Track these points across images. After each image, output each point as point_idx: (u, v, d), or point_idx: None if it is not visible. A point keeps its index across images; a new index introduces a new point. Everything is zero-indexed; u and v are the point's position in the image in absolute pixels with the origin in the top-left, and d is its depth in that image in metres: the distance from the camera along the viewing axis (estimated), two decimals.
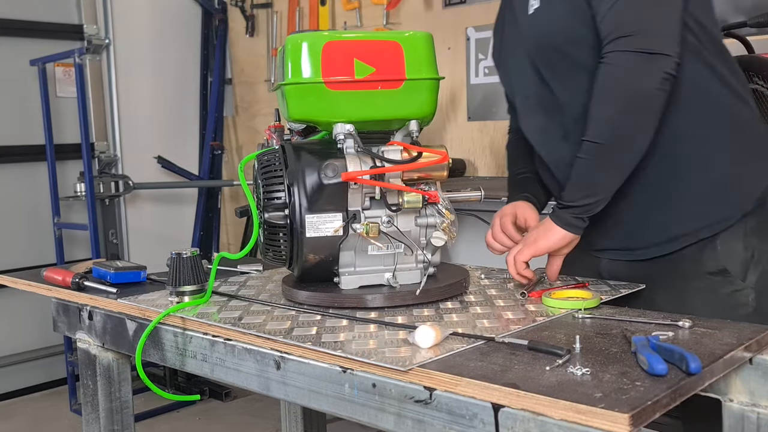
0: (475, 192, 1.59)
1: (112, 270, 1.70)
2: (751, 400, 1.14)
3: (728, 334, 1.17)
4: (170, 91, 4.30)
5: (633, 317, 1.28)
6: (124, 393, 1.72)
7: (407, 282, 1.46)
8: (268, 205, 1.42)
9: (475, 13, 3.21)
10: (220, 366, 1.36)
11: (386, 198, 1.43)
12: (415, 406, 1.07)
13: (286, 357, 1.23)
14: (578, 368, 1.02)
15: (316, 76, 1.39)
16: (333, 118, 1.43)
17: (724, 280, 1.44)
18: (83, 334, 1.70)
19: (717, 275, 1.44)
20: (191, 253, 1.51)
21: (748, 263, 1.44)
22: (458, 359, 1.10)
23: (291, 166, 1.42)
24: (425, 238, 1.46)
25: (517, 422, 0.96)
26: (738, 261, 1.44)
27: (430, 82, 1.44)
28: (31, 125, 3.80)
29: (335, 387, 1.16)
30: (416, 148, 1.44)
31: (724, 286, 1.44)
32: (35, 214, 3.88)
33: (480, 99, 3.23)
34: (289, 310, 1.42)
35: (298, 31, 3.68)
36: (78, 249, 3.93)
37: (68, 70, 3.89)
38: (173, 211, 4.31)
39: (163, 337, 1.47)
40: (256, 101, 4.34)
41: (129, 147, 4.09)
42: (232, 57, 4.43)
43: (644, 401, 0.91)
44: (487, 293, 1.51)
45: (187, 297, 1.50)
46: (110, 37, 4.02)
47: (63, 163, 3.83)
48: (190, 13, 4.35)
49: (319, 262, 1.44)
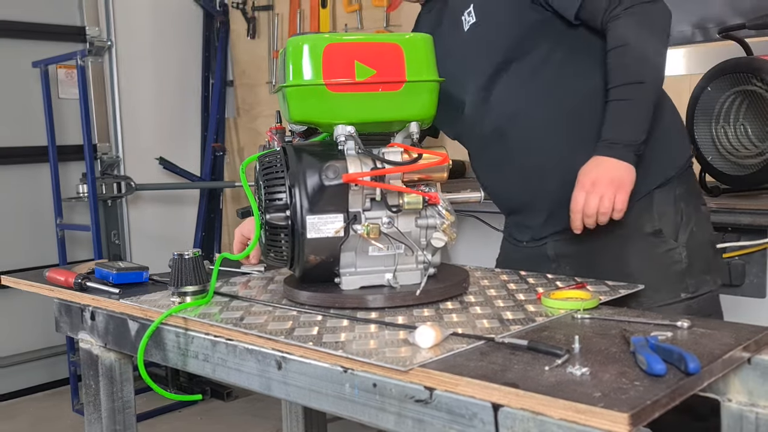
0: (475, 193, 1.60)
1: (114, 271, 1.70)
2: (749, 400, 1.14)
3: (727, 335, 1.17)
4: (172, 92, 4.31)
5: (632, 318, 1.28)
6: (126, 393, 1.73)
7: (407, 282, 1.46)
8: (270, 206, 1.43)
9: None
10: (222, 366, 1.36)
11: (387, 199, 1.44)
12: (415, 405, 1.07)
13: (288, 357, 1.24)
14: (577, 368, 1.03)
15: (317, 78, 1.40)
16: (334, 120, 1.43)
17: (659, 240, 1.63)
18: (85, 335, 1.70)
19: (653, 236, 1.63)
20: (193, 253, 1.52)
21: (678, 225, 1.64)
22: (458, 359, 1.11)
23: (292, 167, 1.43)
24: (425, 239, 1.47)
25: (516, 422, 0.97)
26: (670, 223, 1.63)
27: (431, 84, 1.45)
28: (34, 127, 3.81)
29: (336, 387, 1.17)
30: (416, 149, 1.45)
31: (659, 245, 1.63)
32: (38, 215, 3.89)
33: None
34: (290, 310, 1.43)
35: (299, 33, 3.68)
36: (80, 250, 3.94)
37: (70, 72, 3.90)
38: (175, 212, 4.32)
39: (165, 338, 1.47)
40: (257, 103, 4.34)
41: (131, 148, 4.10)
42: (234, 59, 4.44)
43: (643, 401, 0.91)
44: (487, 293, 1.51)
45: (189, 297, 1.50)
46: (112, 38, 4.03)
47: (65, 164, 3.84)
48: (192, 15, 4.36)
49: (320, 263, 1.45)
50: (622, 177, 1.51)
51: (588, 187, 1.51)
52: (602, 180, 1.50)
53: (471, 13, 1.67)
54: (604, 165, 1.52)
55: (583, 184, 1.52)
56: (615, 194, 1.50)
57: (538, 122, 1.66)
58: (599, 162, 1.52)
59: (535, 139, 1.67)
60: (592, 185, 1.51)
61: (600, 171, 1.52)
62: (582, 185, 1.53)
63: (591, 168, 1.53)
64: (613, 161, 1.51)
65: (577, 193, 1.53)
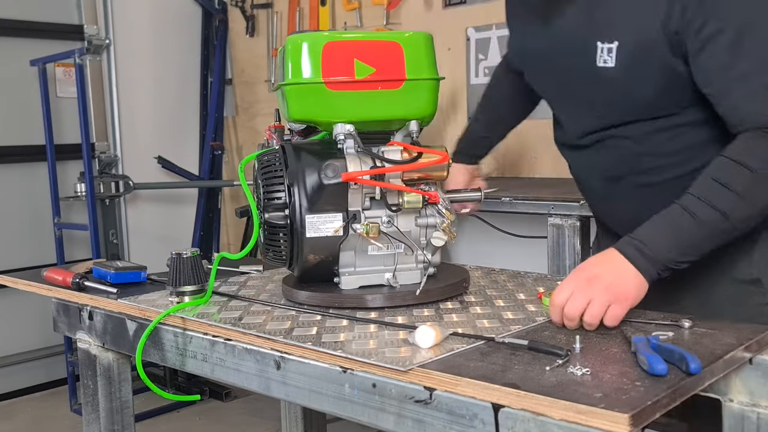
0: (475, 192, 1.59)
1: (112, 270, 1.70)
2: (751, 400, 1.14)
3: (728, 335, 1.17)
4: (170, 91, 4.30)
5: (633, 317, 1.28)
6: (125, 393, 1.73)
7: (407, 282, 1.46)
8: (269, 206, 1.42)
9: (475, 14, 3.21)
10: (221, 366, 1.36)
11: (386, 198, 1.43)
12: (415, 406, 1.07)
13: (287, 357, 1.23)
14: (578, 368, 1.02)
15: (317, 76, 1.39)
16: (333, 119, 1.43)
17: (756, 291, 1.40)
18: (83, 334, 1.70)
19: (749, 284, 1.41)
20: (191, 253, 1.51)
21: None
22: (458, 359, 1.10)
23: (291, 166, 1.42)
24: (425, 238, 1.46)
25: (517, 422, 0.96)
26: None
27: (430, 82, 1.45)
28: (32, 125, 3.80)
29: (335, 387, 1.17)
30: (416, 148, 1.44)
31: (754, 296, 1.40)
32: (35, 215, 3.88)
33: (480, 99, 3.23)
34: (289, 310, 1.43)
35: (298, 32, 3.67)
36: (78, 249, 3.93)
37: (68, 71, 3.89)
38: (173, 211, 4.32)
39: (164, 337, 1.47)
40: (256, 101, 4.34)
41: (129, 147, 4.10)
42: (233, 57, 4.44)
43: (644, 401, 0.91)
44: (487, 293, 1.51)
45: (187, 297, 1.50)
46: (110, 37, 4.02)
47: (63, 163, 3.83)
48: (191, 13, 4.35)
49: (319, 263, 1.44)
50: (627, 290, 1.21)
51: (580, 283, 1.22)
52: (601, 281, 1.21)
53: (612, 54, 1.35)
54: (614, 266, 1.22)
55: (577, 277, 1.24)
56: (608, 304, 1.20)
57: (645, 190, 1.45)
58: (611, 259, 1.23)
59: (639, 197, 1.47)
60: (586, 282, 1.21)
61: (604, 270, 1.23)
62: (575, 277, 1.24)
63: (597, 262, 1.26)
64: (627, 268, 1.21)
65: (565, 284, 1.23)
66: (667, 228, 1.24)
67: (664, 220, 1.24)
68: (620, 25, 1.34)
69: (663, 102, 1.37)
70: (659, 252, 1.22)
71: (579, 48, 1.39)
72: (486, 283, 1.61)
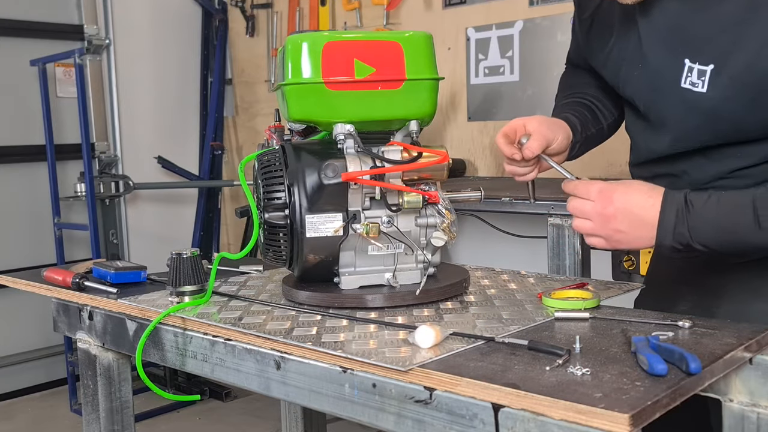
0: (475, 192, 1.59)
1: (112, 270, 1.70)
2: (751, 400, 1.13)
3: (728, 334, 1.17)
4: (170, 91, 4.31)
5: (633, 317, 1.28)
6: (125, 393, 1.73)
7: (407, 282, 1.46)
8: (268, 206, 1.42)
9: (475, 13, 3.21)
10: (221, 366, 1.36)
11: (386, 198, 1.43)
12: (415, 406, 1.07)
13: (287, 357, 1.23)
14: (578, 368, 1.02)
15: (317, 76, 1.39)
16: (333, 119, 1.43)
17: None
18: (83, 334, 1.70)
19: None
20: (191, 253, 1.51)
21: None
22: (458, 359, 1.10)
23: (291, 166, 1.42)
24: (425, 238, 1.46)
25: (517, 422, 0.96)
26: None
27: (430, 82, 1.45)
28: (32, 125, 3.80)
29: (335, 387, 1.17)
30: (416, 148, 1.44)
31: None
32: (35, 215, 3.88)
33: (480, 99, 3.24)
34: (289, 310, 1.43)
35: (298, 31, 3.68)
36: (78, 249, 3.93)
37: (68, 71, 3.90)
38: (173, 211, 4.32)
39: (164, 337, 1.47)
40: (256, 101, 4.34)
41: (129, 147, 4.10)
42: (233, 57, 4.44)
43: (644, 401, 0.90)
44: (487, 293, 1.51)
45: (187, 297, 1.50)
46: (110, 37, 4.03)
47: (63, 163, 3.84)
48: (191, 13, 4.35)
49: (319, 263, 1.44)
50: (628, 242, 1.20)
51: (599, 220, 1.21)
52: (615, 228, 1.20)
53: (705, 78, 1.21)
54: (641, 215, 1.18)
55: (604, 208, 1.20)
56: (606, 245, 1.23)
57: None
58: (644, 206, 1.18)
59: None
60: (604, 221, 1.20)
61: (628, 211, 1.19)
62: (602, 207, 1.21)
63: (628, 198, 1.20)
64: (650, 228, 1.18)
65: (590, 209, 1.22)
66: (720, 214, 1.15)
67: (725, 208, 1.14)
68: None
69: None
70: (698, 234, 1.16)
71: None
72: (486, 283, 1.61)
